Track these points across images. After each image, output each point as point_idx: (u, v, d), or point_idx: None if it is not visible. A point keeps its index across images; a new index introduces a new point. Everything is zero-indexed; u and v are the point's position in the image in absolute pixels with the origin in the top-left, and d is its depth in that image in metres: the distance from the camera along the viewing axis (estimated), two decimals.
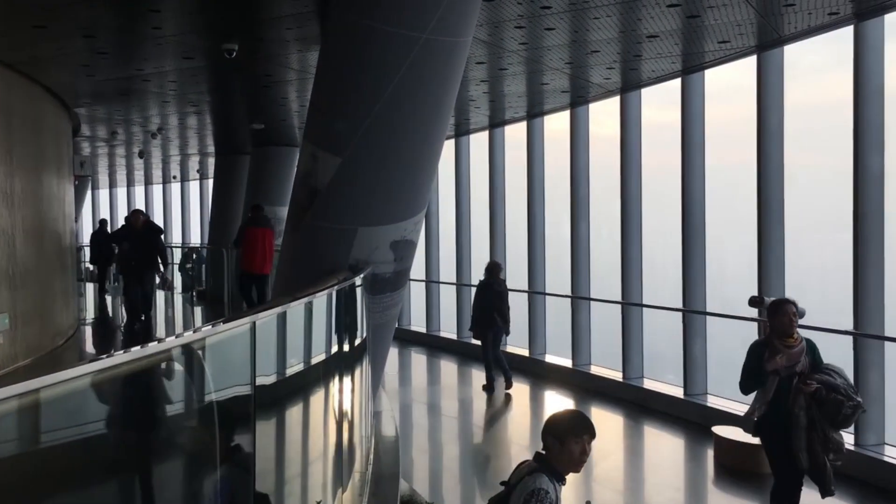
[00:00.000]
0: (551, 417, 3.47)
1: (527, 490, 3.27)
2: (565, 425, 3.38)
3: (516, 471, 3.49)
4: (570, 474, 3.41)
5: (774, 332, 5.50)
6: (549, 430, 3.40)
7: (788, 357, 5.41)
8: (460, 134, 14.68)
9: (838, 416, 5.28)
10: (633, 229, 10.87)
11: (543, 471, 3.34)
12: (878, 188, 7.43)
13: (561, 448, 3.33)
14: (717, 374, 9.96)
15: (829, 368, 5.47)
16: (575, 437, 3.34)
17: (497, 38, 8.14)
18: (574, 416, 3.48)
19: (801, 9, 7.08)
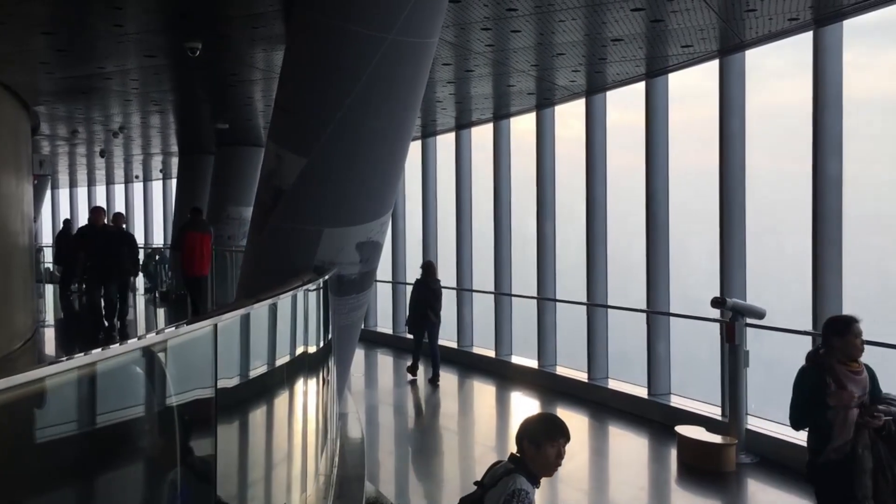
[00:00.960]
0: (526, 421, 3.49)
1: (507, 491, 3.27)
2: (542, 430, 3.40)
3: (490, 471, 3.49)
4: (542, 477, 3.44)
5: (837, 355, 4.58)
6: (524, 434, 3.41)
7: (856, 386, 4.53)
8: (427, 135, 14.68)
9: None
10: (598, 231, 10.96)
11: (520, 472, 3.35)
12: (835, 191, 7.57)
13: (537, 452, 3.35)
14: (680, 375, 10.09)
15: (890, 398, 4.64)
16: (551, 441, 3.37)
17: (463, 39, 8.16)
18: (550, 420, 3.49)
19: (762, 14, 7.19)
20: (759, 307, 8.19)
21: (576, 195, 11.32)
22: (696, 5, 6.88)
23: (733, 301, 8.17)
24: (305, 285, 4.64)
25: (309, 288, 4.70)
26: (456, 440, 9.78)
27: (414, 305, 12.15)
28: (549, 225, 11.96)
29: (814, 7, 6.98)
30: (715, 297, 8.27)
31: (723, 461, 7.75)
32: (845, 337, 4.58)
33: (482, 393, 12.30)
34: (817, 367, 4.65)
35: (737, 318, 8.09)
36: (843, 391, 4.49)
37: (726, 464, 7.74)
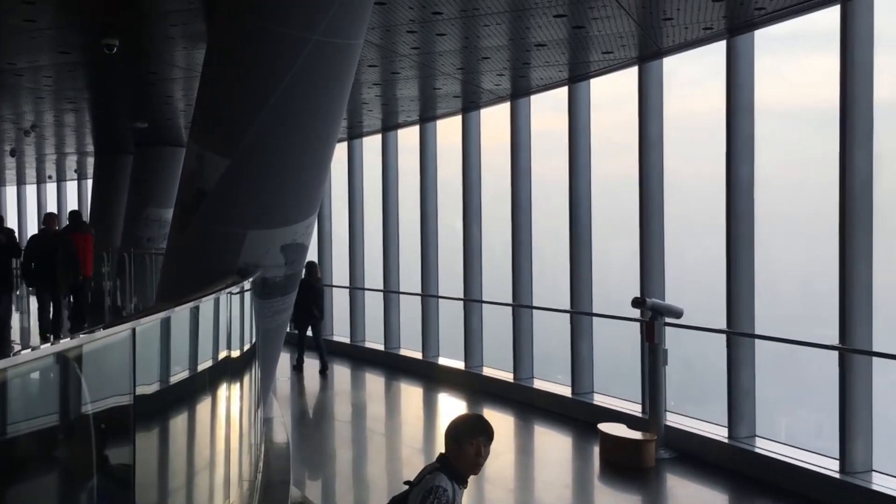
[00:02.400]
0: (453, 420, 3.54)
1: (426, 488, 3.33)
2: (461, 427, 3.46)
3: (421, 472, 3.53)
4: (470, 476, 3.48)
5: None
6: (447, 433, 3.47)
7: None
8: (353, 137, 14.61)
9: None
10: (523, 233, 11.11)
11: (444, 471, 3.40)
12: (748, 195, 7.87)
13: (458, 450, 3.40)
14: (602, 374, 10.32)
15: None
16: (470, 438, 3.41)
17: (389, 41, 8.16)
18: (470, 418, 3.55)
19: (679, 23, 7.43)
20: (676, 307, 8.45)
21: (503, 198, 11.45)
22: (615, 13, 7.06)
23: (652, 301, 8.40)
24: (228, 288, 4.56)
25: (232, 291, 4.63)
26: (383, 442, 9.77)
27: (299, 303, 12.35)
28: (476, 227, 12.06)
29: (727, 17, 7.25)
30: (635, 298, 8.50)
31: (643, 457, 7.96)
32: None
33: (409, 395, 12.31)
34: None
35: (656, 317, 8.33)
36: None
37: (646, 459, 7.96)
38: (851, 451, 6.71)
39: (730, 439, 7.85)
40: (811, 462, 7.08)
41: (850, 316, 6.73)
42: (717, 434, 8.03)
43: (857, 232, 6.70)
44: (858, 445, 6.71)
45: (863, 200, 6.69)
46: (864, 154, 6.68)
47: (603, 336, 10.40)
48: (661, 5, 6.91)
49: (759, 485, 7.35)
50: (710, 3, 6.81)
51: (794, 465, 7.12)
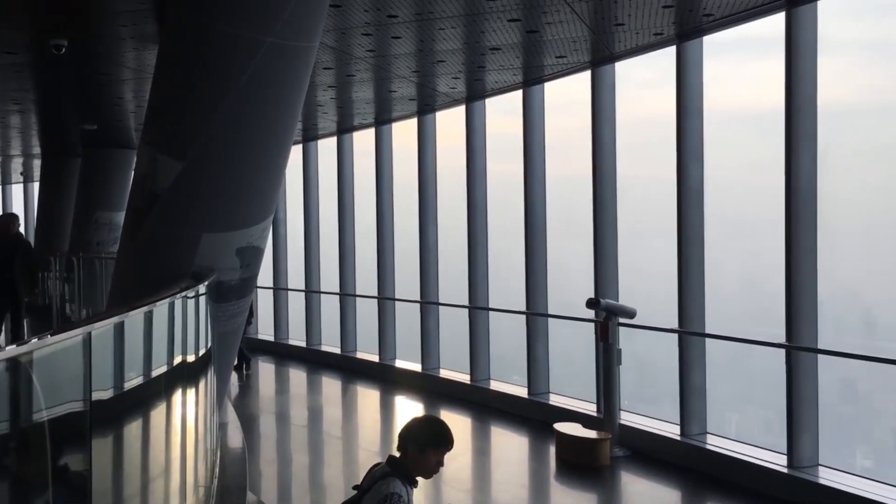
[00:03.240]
0: (415, 424, 3.51)
1: (380, 495, 3.29)
2: (430, 436, 3.43)
3: (368, 474, 3.50)
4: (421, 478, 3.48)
5: None
6: (410, 437, 3.43)
7: None
8: (308, 139, 14.53)
9: None
10: (479, 235, 11.17)
11: (396, 475, 3.37)
12: (698, 197, 8.05)
13: (420, 456, 3.39)
14: (558, 374, 10.43)
15: None
16: (435, 449, 3.41)
17: (344, 44, 8.15)
18: (439, 427, 3.49)
19: (630, 28, 7.57)
20: (630, 307, 8.59)
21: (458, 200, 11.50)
22: (568, 18, 7.16)
23: (606, 302, 8.53)
24: (183, 292, 4.52)
25: (187, 294, 4.58)
26: (340, 446, 9.73)
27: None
28: (432, 229, 12.09)
29: (676, 23, 7.41)
30: (590, 298, 8.61)
31: (598, 456, 8.08)
32: None
33: (366, 398, 12.28)
34: None
35: (610, 317, 8.46)
36: None
37: (601, 458, 8.07)
38: (798, 447, 6.90)
39: (682, 437, 8.00)
40: (760, 458, 7.26)
41: (797, 314, 6.93)
42: (670, 432, 8.18)
43: (802, 233, 6.90)
44: (805, 440, 6.91)
45: (807, 202, 6.89)
46: (809, 157, 6.88)
47: (559, 337, 10.52)
48: (613, 11, 7.03)
49: (710, 481, 7.51)
50: (660, 10, 6.95)
51: (743, 461, 7.30)
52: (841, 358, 7.27)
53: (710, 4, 6.87)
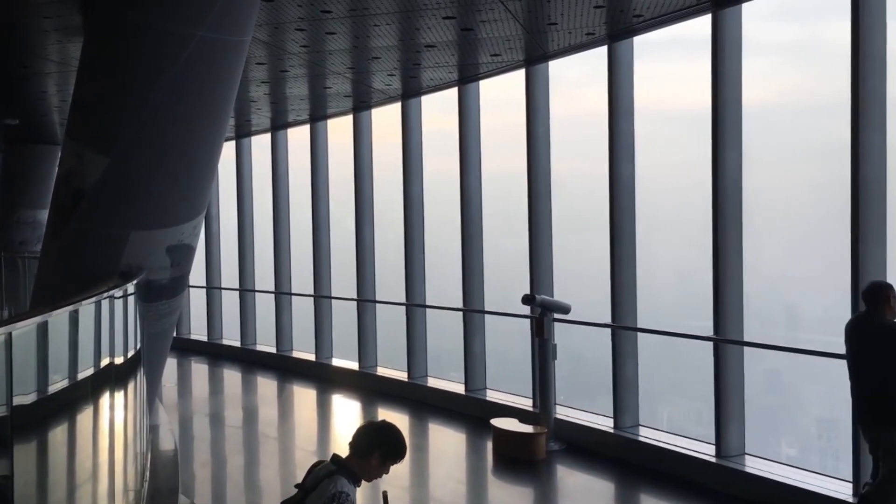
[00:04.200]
0: (369, 427, 3.49)
1: (328, 494, 3.27)
2: (386, 445, 3.42)
3: (311, 473, 3.48)
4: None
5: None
6: (364, 440, 3.42)
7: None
8: (241, 135, 14.30)
9: None
10: (415, 232, 11.16)
11: (342, 473, 3.36)
12: (629, 193, 8.21)
13: (370, 461, 3.38)
14: (497, 370, 10.51)
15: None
16: (391, 459, 3.43)
17: (278, 39, 8.05)
18: (391, 438, 3.47)
19: (562, 28, 7.67)
20: (564, 303, 8.71)
21: (396, 197, 11.47)
22: (502, 16, 7.22)
23: (542, 297, 8.63)
24: (110, 291, 4.40)
25: (114, 294, 4.46)
26: (276, 446, 9.62)
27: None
28: (368, 227, 12.04)
29: (607, 23, 7.54)
30: (525, 295, 8.70)
31: (534, 450, 8.18)
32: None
33: (302, 397, 12.17)
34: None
35: (545, 313, 8.56)
36: None
37: (537, 452, 8.17)
38: (726, 437, 7.11)
39: (615, 429, 8.16)
40: (690, 448, 7.46)
41: (723, 308, 7.13)
42: (604, 425, 8.34)
43: (729, 229, 7.11)
44: (732, 430, 7.12)
45: (733, 199, 7.10)
46: (734, 155, 7.09)
47: (498, 333, 10.60)
48: (546, 10, 7.11)
49: (643, 472, 7.68)
50: (591, 10, 7.06)
51: (674, 452, 7.48)
52: (767, 350, 7.52)
53: (639, 5, 7.01)
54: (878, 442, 5.30)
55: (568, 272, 10.36)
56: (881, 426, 5.26)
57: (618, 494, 7.73)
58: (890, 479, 5.23)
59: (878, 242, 6.01)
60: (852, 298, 6.03)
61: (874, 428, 5.32)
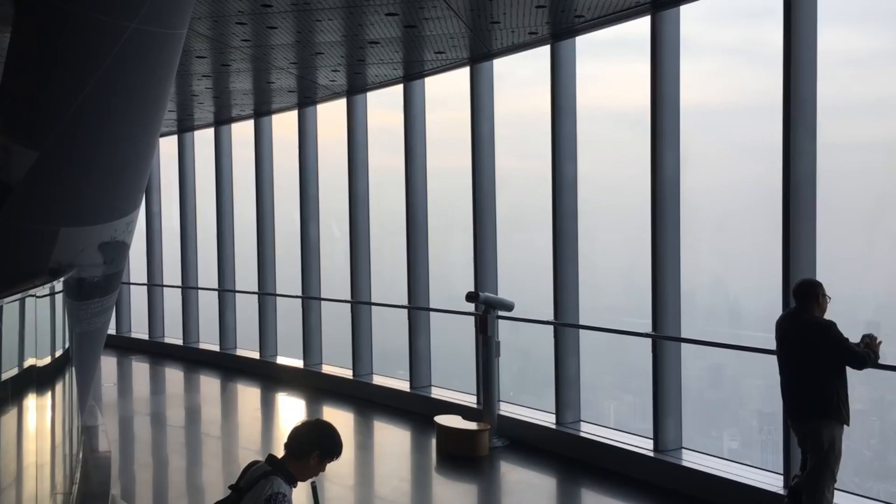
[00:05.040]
0: (305, 428, 3.46)
1: (264, 494, 3.23)
2: (322, 444, 3.40)
3: (246, 473, 3.43)
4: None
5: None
6: (302, 441, 3.39)
7: None
8: (184, 130, 14.05)
9: None
10: (361, 229, 11.11)
11: (278, 474, 3.32)
12: (572, 192, 8.29)
13: (306, 461, 3.36)
14: (439, 367, 10.52)
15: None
16: (327, 457, 3.40)
17: (218, 33, 7.91)
18: (329, 437, 3.45)
19: (505, 27, 7.70)
20: (508, 300, 8.76)
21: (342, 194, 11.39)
22: (445, 14, 7.21)
23: (485, 295, 8.66)
24: (36, 289, 4.27)
25: (37, 293, 4.33)
26: (219, 446, 9.49)
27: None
28: (313, 223, 11.94)
29: (549, 23, 7.59)
30: (469, 292, 8.72)
31: (477, 446, 8.21)
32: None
33: (246, 396, 12.02)
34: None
35: (489, 310, 8.60)
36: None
37: (480, 448, 8.21)
38: (663, 431, 7.23)
39: (557, 425, 8.24)
40: (629, 443, 7.57)
41: (662, 305, 7.25)
42: (546, 421, 8.41)
43: (667, 227, 7.22)
44: (669, 425, 7.25)
45: (671, 198, 7.22)
46: (672, 154, 7.21)
47: (445, 330, 10.60)
48: (489, 9, 7.13)
49: (584, 466, 7.77)
50: (533, 9, 7.09)
51: (614, 447, 7.59)
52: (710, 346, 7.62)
53: (581, 6, 7.07)
54: (807, 435, 5.45)
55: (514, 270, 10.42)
56: (810, 420, 5.40)
57: (559, 489, 7.80)
58: (817, 471, 5.38)
59: (808, 241, 6.17)
60: (783, 295, 6.18)
61: (803, 422, 5.46)
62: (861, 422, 8.72)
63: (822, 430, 5.33)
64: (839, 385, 5.34)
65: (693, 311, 9.21)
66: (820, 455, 5.35)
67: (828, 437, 5.32)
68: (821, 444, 5.34)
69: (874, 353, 5.35)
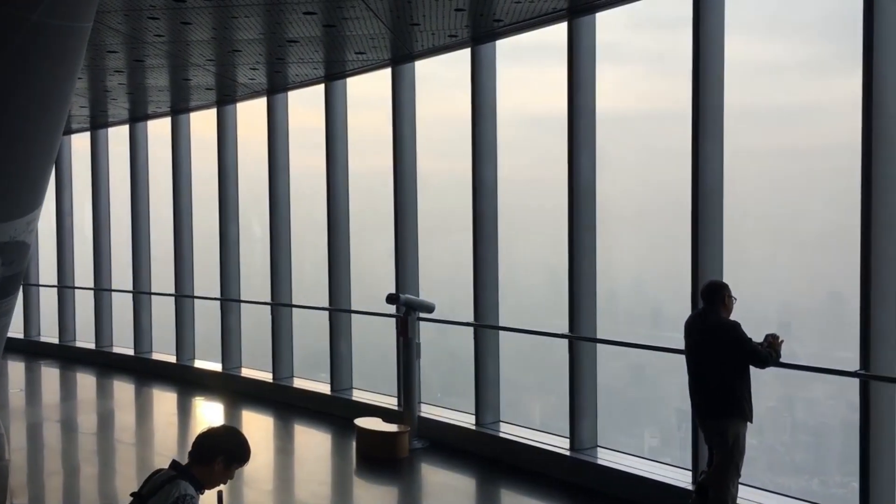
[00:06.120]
0: (210, 433, 3.41)
1: (171, 498, 3.18)
2: (228, 450, 3.36)
3: (149, 481, 3.36)
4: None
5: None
6: (206, 446, 3.34)
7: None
8: (97, 127, 13.59)
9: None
10: (281, 231, 10.94)
11: (184, 478, 3.28)
12: (492, 194, 8.34)
13: (213, 467, 3.32)
14: (362, 369, 10.45)
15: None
16: (236, 464, 3.36)
17: (130, 27, 7.68)
18: (234, 442, 3.41)
19: (426, 29, 7.71)
20: (428, 302, 8.76)
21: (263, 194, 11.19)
22: (364, 15, 7.17)
23: (406, 297, 8.65)
24: None
25: None
26: (132, 453, 9.22)
27: None
28: (233, 224, 11.70)
29: (469, 26, 7.63)
30: (389, 294, 8.69)
31: (397, 448, 8.20)
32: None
33: (162, 401, 11.71)
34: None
35: (409, 312, 8.58)
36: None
37: (400, 450, 8.19)
38: (579, 430, 7.36)
39: (477, 426, 8.28)
40: (546, 442, 7.67)
41: (578, 306, 7.37)
42: (466, 422, 8.45)
43: (583, 230, 7.35)
44: (585, 424, 7.38)
45: (587, 201, 7.34)
46: (588, 158, 7.34)
47: (366, 332, 10.53)
48: (409, 11, 7.12)
49: (503, 467, 7.84)
50: (452, 12, 7.12)
51: (532, 446, 7.68)
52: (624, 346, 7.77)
53: (499, 10, 7.13)
54: (713, 432, 5.62)
55: (438, 272, 10.44)
56: (717, 418, 5.58)
57: (478, 490, 7.85)
58: (723, 467, 5.56)
59: (715, 243, 6.37)
60: (692, 296, 6.36)
61: (709, 419, 5.64)
62: (773, 419, 9.02)
63: (727, 427, 5.52)
64: (743, 384, 5.53)
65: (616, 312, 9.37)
66: (725, 451, 5.53)
67: (732, 434, 5.50)
68: (726, 440, 5.52)
69: (776, 352, 5.57)
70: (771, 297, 8.60)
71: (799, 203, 8.87)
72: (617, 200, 9.27)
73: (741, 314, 5.68)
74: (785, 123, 8.60)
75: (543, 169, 12.05)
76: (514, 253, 9.32)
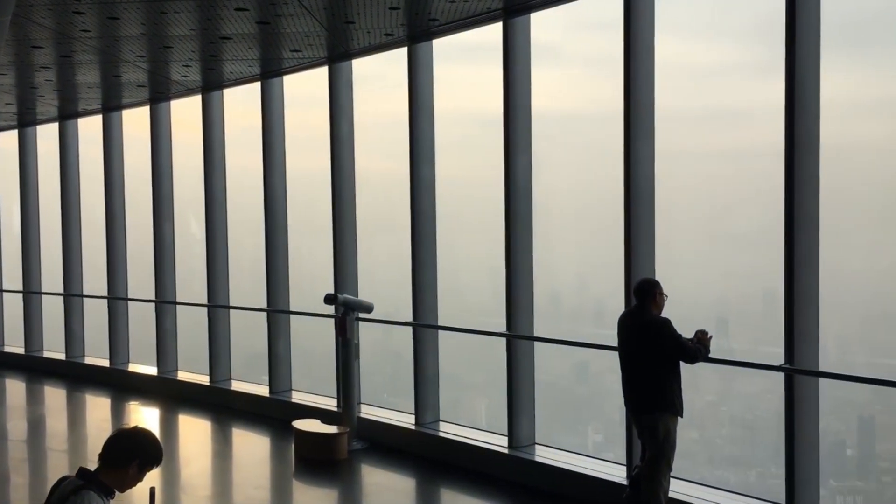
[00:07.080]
0: (121, 436, 3.33)
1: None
2: (136, 451, 3.27)
3: (55, 490, 3.26)
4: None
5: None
6: (119, 450, 3.25)
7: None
8: (24, 124, 13.15)
9: None
10: (218, 231, 10.74)
11: (91, 487, 3.17)
12: (429, 194, 8.33)
13: (124, 471, 3.24)
14: (302, 371, 10.33)
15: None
16: (147, 466, 3.28)
17: (55, 21, 7.44)
18: (149, 444, 3.33)
19: (361, 28, 7.65)
20: (367, 302, 8.71)
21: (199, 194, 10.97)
22: (298, 12, 7.07)
23: (344, 297, 8.58)
24: None
25: None
26: (65, 461, 8.94)
27: None
28: (168, 224, 11.44)
29: (405, 25, 7.60)
30: (327, 294, 8.60)
31: (336, 450, 8.13)
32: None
33: (95, 406, 11.41)
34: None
35: (348, 312, 8.51)
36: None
37: (339, 452, 8.13)
38: (517, 428, 7.39)
39: (416, 426, 8.26)
40: (485, 441, 7.69)
41: (515, 305, 7.41)
42: (405, 422, 8.42)
43: (519, 229, 7.39)
44: (523, 422, 7.42)
45: (523, 201, 7.38)
46: (524, 158, 7.38)
47: (305, 333, 10.40)
48: (343, 9, 7.06)
49: (442, 466, 7.83)
50: (388, 11, 7.08)
51: (471, 445, 7.69)
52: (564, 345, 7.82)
53: (434, 10, 7.11)
54: (645, 427, 5.72)
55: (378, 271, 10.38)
56: (648, 412, 5.67)
57: (417, 490, 7.84)
58: (654, 461, 5.66)
59: (647, 241, 6.47)
60: (625, 294, 6.46)
61: (641, 414, 5.73)
62: (712, 413, 9.21)
63: (659, 422, 5.61)
64: (674, 379, 5.64)
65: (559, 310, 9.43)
66: (656, 445, 5.63)
67: (663, 429, 5.60)
68: (657, 435, 5.61)
69: (705, 347, 5.69)
70: (707, 295, 8.78)
71: (732, 203, 9.09)
72: (557, 200, 9.35)
73: (677, 312, 5.79)
74: (716, 125, 8.79)
75: (486, 168, 12.08)
76: (457, 252, 9.33)
